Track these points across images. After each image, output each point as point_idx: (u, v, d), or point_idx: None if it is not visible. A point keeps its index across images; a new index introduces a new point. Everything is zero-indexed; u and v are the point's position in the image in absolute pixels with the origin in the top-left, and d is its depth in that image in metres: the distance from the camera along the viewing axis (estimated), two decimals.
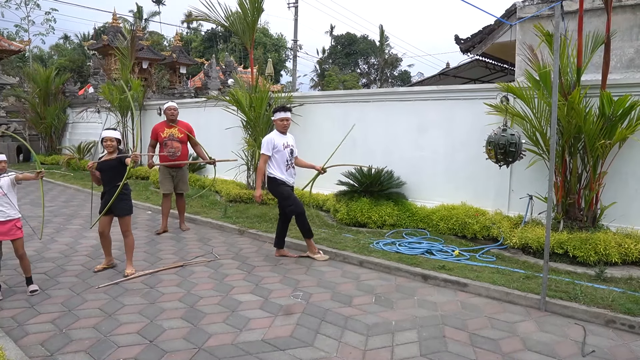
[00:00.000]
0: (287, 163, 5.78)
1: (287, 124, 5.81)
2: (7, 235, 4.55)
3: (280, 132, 5.83)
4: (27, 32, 31.84)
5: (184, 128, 7.12)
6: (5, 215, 4.52)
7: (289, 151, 5.79)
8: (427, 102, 7.40)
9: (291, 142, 5.89)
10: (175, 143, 7.00)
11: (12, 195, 4.57)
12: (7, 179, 4.56)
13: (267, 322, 4.05)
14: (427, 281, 5.08)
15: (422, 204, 7.24)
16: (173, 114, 7.12)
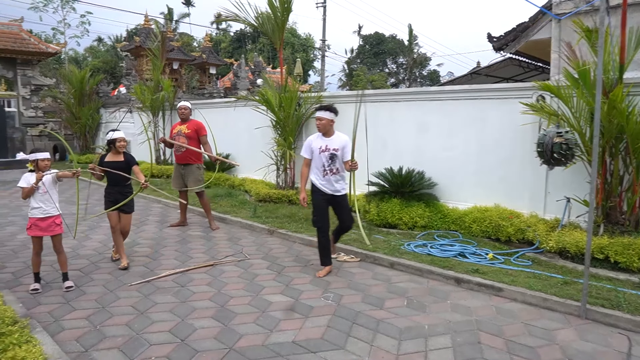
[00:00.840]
0: (324, 168, 5.19)
1: (319, 124, 5.20)
2: (46, 231, 4.66)
3: (321, 134, 5.26)
4: (63, 35, 32.74)
5: (193, 126, 7.27)
6: (45, 211, 4.64)
7: (326, 156, 5.16)
8: (459, 101, 7.24)
9: (333, 146, 5.17)
10: (182, 138, 7.17)
11: (53, 193, 4.70)
12: (49, 177, 4.68)
13: (298, 323, 4.02)
14: (461, 285, 4.96)
15: (454, 205, 7.09)
16: (183, 112, 7.35)
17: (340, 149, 5.17)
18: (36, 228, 4.65)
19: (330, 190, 5.24)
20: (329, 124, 5.19)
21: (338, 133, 5.26)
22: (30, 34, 19.24)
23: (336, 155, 5.17)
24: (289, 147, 8.50)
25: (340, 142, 5.20)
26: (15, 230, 7.25)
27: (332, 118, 5.19)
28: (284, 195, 8.54)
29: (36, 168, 4.63)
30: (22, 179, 4.64)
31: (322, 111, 5.20)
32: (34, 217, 4.65)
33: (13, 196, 10.46)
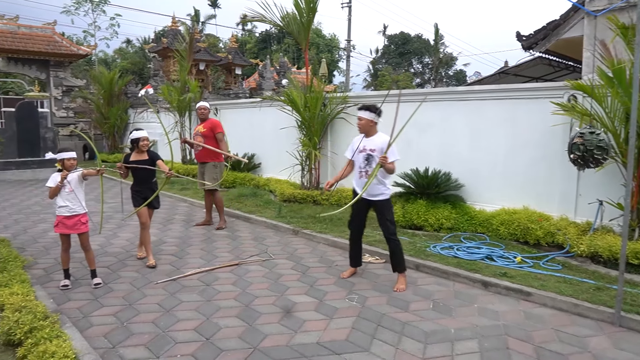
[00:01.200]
0: (360, 170, 4.93)
1: (359, 124, 4.93)
2: (72, 229, 4.76)
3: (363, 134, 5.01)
4: (93, 37, 33.47)
5: (208, 124, 7.39)
6: (71, 210, 4.73)
7: (363, 156, 4.89)
8: (487, 101, 7.12)
9: (370, 147, 4.86)
10: (199, 138, 7.36)
11: (79, 191, 4.79)
12: (75, 175, 4.76)
13: (323, 324, 4.00)
14: (488, 288, 4.86)
15: (481, 207, 6.97)
16: (202, 112, 7.49)
17: (377, 150, 4.81)
18: (63, 226, 4.76)
19: (366, 194, 4.88)
20: (368, 124, 4.88)
21: (380, 134, 4.93)
22: (62, 36, 19.73)
23: (372, 156, 4.83)
24: (314, 147, 8.49)
25: (378, 142, 4.84)
26: (46, 227, 7.43)
27: (372, 118, 4.86)
28: (309, 196, 8.53)
29: (62, 167, 4.73)
30: (50, 179, 4.75)
31: (362, 111, 4.92)
32: (60, 215, 4.75)
33: (45, 194, 10.73)
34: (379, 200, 4.88)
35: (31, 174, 13.34)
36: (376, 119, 4.89)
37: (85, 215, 4.85)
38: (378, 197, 4.86)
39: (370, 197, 4.88)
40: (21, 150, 13.38)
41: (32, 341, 3.37)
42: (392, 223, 4.91)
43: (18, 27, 17.93)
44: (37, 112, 13.93)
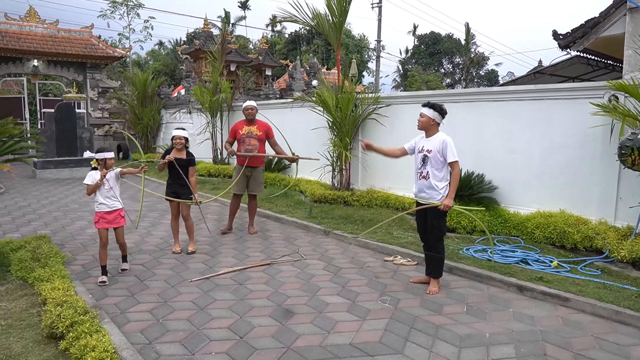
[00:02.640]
0: (416, 171, 4.82)
1: (419, 121, 4.75)
2: (112, 223, 5.06)
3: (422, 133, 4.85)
4: (128, 40, 34.32)
5: (263, 127, 7.08)
6: (111, 206, 5.02)
7: (420, 157, 4.72)
8: (522, 102, 6.97)
9: (429, 147, 4.65)
10: (253, 140, 6.93)
11: (116, 189, 5.07)
12: (112, 174, 5.04)
13: (355, 325, 3.99)
14: (523, 293, 4.76)
15: (515, 210, 6.83)
16: (251, 113, 7.08)
17: (434, 151, 4.59)
18: (103, 221, 5.03)
19: (420, 198, 4.79)
20: (429, 123, 4.67)
21: (440, 134, 4.69)
22: (99, 39, 20.30)
23: (428, 157, 4.63)
24: (345, 148, 8.48)
25: (436, 143, 4.61)
26: (84, 225, 7.65)
27: (433, 117, 4.65)
28: (340, 197, 8.53)
29: (103, 166, 4.98)
30: (87, 177, 5.01)
31: (425, 108, 4.71)
32: (101, 211, 5.04)
33: (82, 192, 11.03)
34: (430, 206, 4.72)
35: (69, 172, 13.75)
36: (438, 118, 4.69)
37: (123, 209, 5.17)
38: (430, 200, 4.71)
39: (423, 200, 4.78)
40: (60, 150, 13.81)
41: (73, 335, 3.47)
42: (439, 230, 4.73)
43: (58, 31, 18.54)
44: (75, 112, 14.35)
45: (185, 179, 5.89)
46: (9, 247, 5.80)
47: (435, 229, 4.74)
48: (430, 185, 4.65)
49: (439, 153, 4.58)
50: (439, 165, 4.63)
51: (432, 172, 4.65)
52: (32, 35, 17.82)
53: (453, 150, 4.56)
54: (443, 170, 4.66)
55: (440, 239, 4.78)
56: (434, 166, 4.63)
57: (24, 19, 18.15)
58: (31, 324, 3.94)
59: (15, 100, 19.92)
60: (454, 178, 4.59)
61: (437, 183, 4.65)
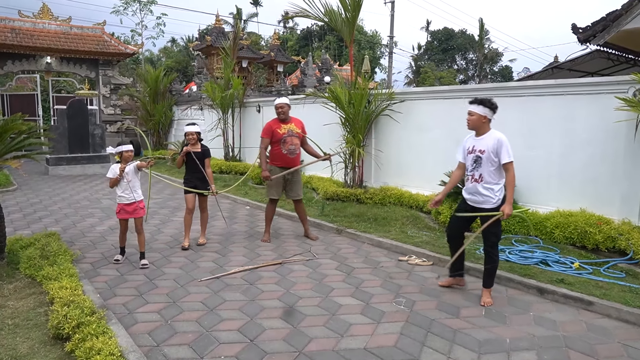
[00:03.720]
0: (467, 173, 4.44)
1: (469, 120, 4.37)
2: (132, 214, 5.33)
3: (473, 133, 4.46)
4: (140, 36, 34.40)
5: (300, 125, 6.55)
6: (130, 198, 5.28)
7: (472, 158, 4.35)
8: (541, 97, 6.76)
9: (481, 147, 4.28)
10: (295, 139, 6.38)
11: (135, 181, 5.31)
12: (131, 167, 5.24)
13: (369, 329, 3.84)
14: (544, 295, 4.57)
15: (533, 208, 6.62)
16: (282, 111, 6.42)
17: (487, 151, 4.22)
18: (124, 212, 5.32)
19: (471, 201, 4.42)
20: (480, 121, 4.28)
21: (492, 131, 4.31)
22: (111, 36, 20.31)
23: (481, 158, 4.26)
24: (358, 145, 8.32)
25: (490, 142, 4.24)
26: (94, 222, 7.59)
27: (485, 114, 4.26)
28: (352, 194, 8.37)
29: (121, 159, 5.22)
30: (109, 170, 5.28)
31: (474, 105, 4.31)
32: (121, 203, 5.32)
33: (93, 189, 11.03)
34: (483, 209, 4.33)
35: (80, 169, 13.77)
36: (490, 115, 4.30)
37: (142, 201, 5.41)
38: (483, 204, 4.32)
39: (475, 204, 4.39)
40: (71, 146, 13.82)
41: (79, 336, 3.38)
42: (495, 236, 4.35)
43: (70, 28, 18.58)
44: (87, 109, 14.36)
45: (203, 171, 5.99)
46: (19, 244, 5.75)
47: (492, 235, 4.34)
48: (485, 188, 4.28)
49: (493, 153, 4.20)
50: (493, 167, 4.24)
51: (485, 174, 4.27)
52: (45, 32, 17.88)
53: (509, 150, 4.20)
54: (498, 172, 4.26)
55: (496, 245, 4.40)
56: (488, 168, 4.25)
57: (37, 16, 18.21)
58: (38, 323, 3.87)
59: (29, 97, 20.04)
60: (510, 181, 4.22)
61: (493, 186, 4.27)
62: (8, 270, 5.06)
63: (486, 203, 4.31)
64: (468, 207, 4.47)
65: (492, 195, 4.28)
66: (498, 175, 4.28)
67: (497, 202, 4.28)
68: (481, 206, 4.34)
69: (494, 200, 4.28)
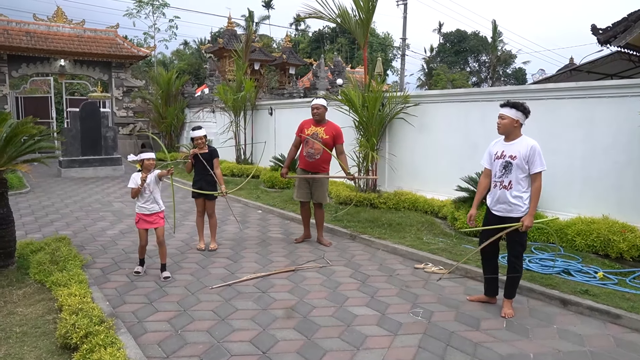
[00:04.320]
0: (495, 180, 4.21)
1: (499, 124, 4.17)
2: (151, 224, 5.10)
3: (502, 137, 4.27)
4: (153, 39, 34.56)
5: (331, 131, 6.23)
6: (150, 209, 5.05)
7: (500, 164, 4.15)
8: (561, 100, 6.57)
9: (510, 152, 4.09)
10: (317, 144, 6.14)
11: (156, 192, 5.09)
12: (152, 177, 5.00)
13: (386, 341, 3.69)
14: (567, 307, 4.39)
15: (553, 215, 6.42)
16: (317, 112, 6.24)
17: (519, 157, 4.03)
18: (143, 222, 5.09)
19: (497, 210, 4.21)
20: (512, 125, 4.10)
21: (524, 137, 4.13)
22: (124, 39, 20.37)
23: (512, 164, 4.06)
24: (372, 148, 8.17)
25: (521, 148, 4.05)
26: (105, 226, 7.52)
27: (517, 118, 4.08)
28: (366, 199, 8.23)
29: (142, 167, 4.97)
30: (130, 180, 5.03)
31: (506, 108, 4.12)
32: (141, 213, 5.07)
33: (105, 192, 11.00)
34: (512, 217, 4.12)
35: (92, 171, 13.77)
36: (522, 119, 4.11)
37: (162, 212, 5.18)
38: (512, 213, 4.12)
39: (502, 213, 4.18)
40: (84, 149, 13.83)
41: (87, 347, 3.28)
42: (521, 245, 4.18)
43: (84, 31, 18.66)
44: (99, 111, 14.36)
45: (211, 174, 5.94)
46: (29, 248, 5.69)
47: (517, 244, 4.17)
48: (514, 196, 4.08)
49: (524, 160, 4.01)
50: (523, 174, 4.05)
51: (515, 181, 4.07)
52: (59, 35, 17.97)
53: (542, 159, 4.02)
54: (527, 179, 4.08)
55: (521, 254, 4.23)
56: (518, 175, 4.05)
57: (51, 19, 18.31)
58: (46, 331, 3.78)
59: (43, 99, 20.15)
60: (536, 191, 4.04)
61: (522, 194, 4.08)
62: (18, 276, 4.99)
63: (515, 212, 4.12)
64: (494, 217, 4.26)
65: (522, 204, 4.09)
66: (527, 183, 4.10)
67: (526, 210, 4.10)
68: (509, 215, 4.15)
69: (523, 209, 4.09)
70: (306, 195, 6.41)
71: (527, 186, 4.10)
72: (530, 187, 4.10)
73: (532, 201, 4.07)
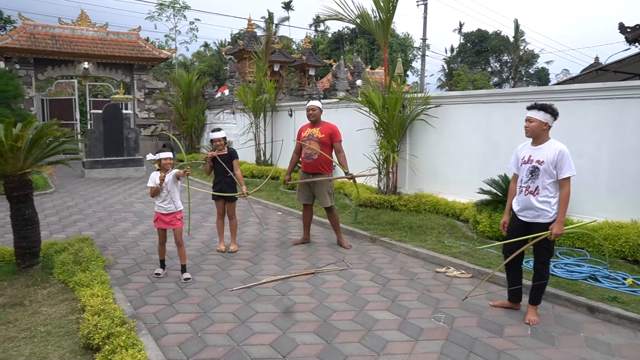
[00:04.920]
0: (521, 185, 4.11)
1: (527, 127, 4.05)
2: (169, 224, 5.12)
3: (530, 141, 4.16)
4: (174, 41, 35.01)
5: (327, 130, 6.26)
6: (167, 208, 5.09)
7: (527, 168, 4.04)
8: (587, 101, 6.41)
9: (539, 157, 3.98)
10: (314, 143, 6.18)
11: (174, 191, 5.13)
12: (170, 176, 5.04)
13: (408, 347, 3.64)
14: (595, 314, 4.27)
15: (579, 219, 6.26)
16: (312, 113, 6.33)
17: (547, 162, 3.92)
18: (161, 221, 5.14)
19: (523, 216, 4.11)
20: (540, 128, 3.99)
21: (552, 141, 4.02)
22: (146, 41, 20.63)
23: (539, 169, 3.96)
24: (393, 150, 8.10)
25: (550, 153, 3.94)
26: (127, 226, 7.61)
27: (546, 120, 3.97)
28: (386, 201, 8.16)
29: (159, 167, 5.05)
30: (149, 179, 5.09)
31: (534, 110, 3.99)
32: (158, 212, 5.13)
33: (127, 192, 11.14)
34: (539, 223, 4.02)
35: (115, 172, 13.96)
36: (551, 121, 4.02)
37: (181, 212, 5.20)
38: (539, 219, 4.02)
39: (529, 219, 4.08)
40: (107, 150, 14.04)
41: (109, 348, 3.30)
42: (548, 252, 4.08)
43: (107, 34, 18.96)
44: (122, 113, 14.56)
45: (231, 175, 5.97)
46: (53, 248, 5.78)
47: (544, 251, 4.07)
48: (540, 202, 3.98)
49: (552, 165, 3.91)
50: (551, 179, 3.95)
51: (542, 187, 3.97)
52: (83, 38, 18.29)
53: (571, 163, 3.90)
54: (555, 184, 3.97)
55: (548, 261, 4.14)
56: (545, 180, 3.95)
57: (76, 23, 18.65)
58: (70, 331, 3.82)
59: (67, 101, 20.53)
60: (565, 198, 3.91)
61: (550, 199, 3.97)
62: (42, 275, 5.07)
63: (542, 217, 4.01)
64: (520, 223, 4.16)
65: (549, 209, 3.98)
66: (555, 188, 4.00)
67: (554, 216, 3.99)
68: (536, 220, 4.04)
69: (551, 215, 3.98)
70: (307, 198, 6.48)
71: (554, 192, 3.99)
72: (559, 193, 3.98)
73: (561, 208, 3.95)
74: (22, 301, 4.39)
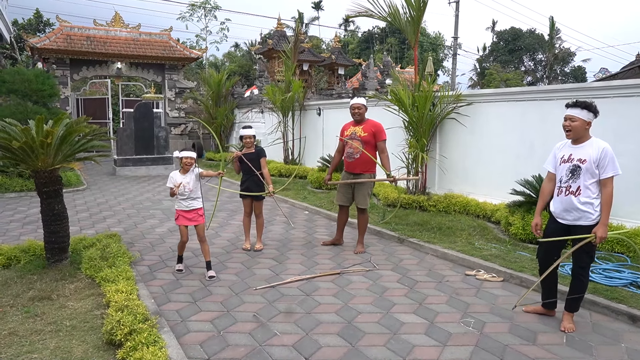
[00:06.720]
0: (560, 185, 3.90)
1: (568, 126, 3.81)
2: (190, 221, 5.13)
3: (569, 140, 3.94)
4: (205, 41, 35.46)
5: (370, 128, 5.96)
6: (189, 205, 5.11)
7: (567, 167, 3.85)
8: (629, 98, 6.11)
9: (579, 156, 3.79)
10: (356, 142, 5.90)
11: (197, 189, 5.12)
12: (192, 175, 5.08)
13: (435, 352, 3.50)
14: (637, 324, 4.02)
15: (619, 222, 5.98)
16: (357, 112, 6.03)
17: (589, 161, 3.72)
18: (183, 218, 5.14)
19: (562, 219, 3.91)
20: (582, 127, 3.77)
21: (594, 139, 3.82)
22: (177, 41, 20.93)
23: (580, 168, 3.76)
24: (422, 149, 7.92)
25: (592, 152, 3.74)
26: (154, 224, 7.67)
27: (589, 119, 3.77)
28: (415, 201, 7.98)
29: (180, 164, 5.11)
30: (168, 179, 5.14)
31: (575, 108, 3.77)
32: (179, 209, 5.14)
33: (156, 190, 11.27)
34: (580, 226, 3.80)
35: (145, 170, 14.18)
36: (593, 119, 3.83)
37: (202, 208, 5.22)
38: (580, 221, 3.80)
39: (569, 222, 3.87)
40: (138, 148, 14.27)
41: (131, 344, 3.29)
42: (589, 256, 3.86)
43: (139, 35, 19.31)
44: (153, 112, 14.79)
45: (257, 174, 5.95)
46: (82, 244, 5.85)
47: (585, 255, 3.85)
48: (583, 203, 3.77)
49: (595, 164, 3.71)
50: (593, 179, 3.74)
51: (584, 187, 3.76)
52: (116, 39, 18.68)
53: (615, 162, 3.70)
54: (597, 185, 3.77)
55: (588, 266, 3.92)
56: (587, 180, 3.75)
57: (109, 24, 19.07)
58: (94, 326, 3.82)
59: (101, 100, 21.03)
60: (608, 199, 3.70)
61: (592, 200, 3.75)
62: (71, 270, 5.12)
63: (584, 219, 3.79)
64: (559, 226, 3.95)
65: (592, 211, 3.76)
66: (597, 189, 3.78)
67: (597, 218, 3.77)
68: (577, 223, 3.82)
69: (593, 217, 3.77)
70: (346, 200, 6.20)
71: (596, 192, 3.77)
72: (601, 194, 3.76)
73: (604, 209, 3.73)
74: (50, 295, 4.43)
